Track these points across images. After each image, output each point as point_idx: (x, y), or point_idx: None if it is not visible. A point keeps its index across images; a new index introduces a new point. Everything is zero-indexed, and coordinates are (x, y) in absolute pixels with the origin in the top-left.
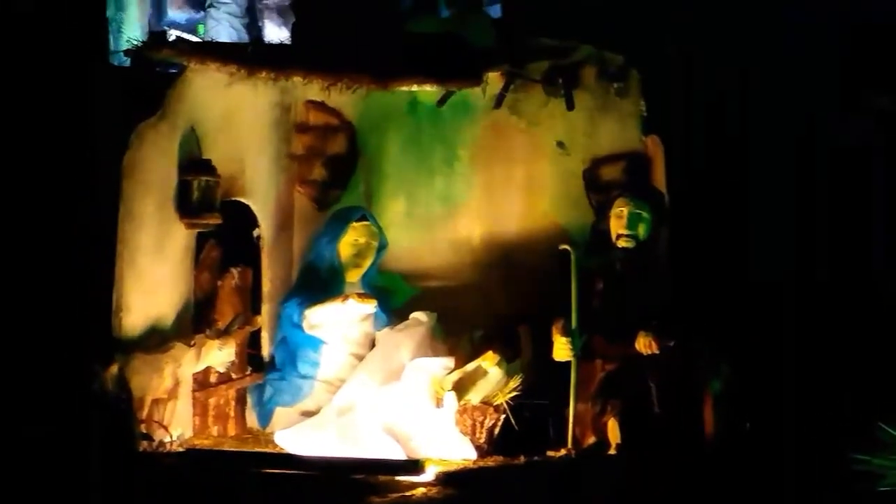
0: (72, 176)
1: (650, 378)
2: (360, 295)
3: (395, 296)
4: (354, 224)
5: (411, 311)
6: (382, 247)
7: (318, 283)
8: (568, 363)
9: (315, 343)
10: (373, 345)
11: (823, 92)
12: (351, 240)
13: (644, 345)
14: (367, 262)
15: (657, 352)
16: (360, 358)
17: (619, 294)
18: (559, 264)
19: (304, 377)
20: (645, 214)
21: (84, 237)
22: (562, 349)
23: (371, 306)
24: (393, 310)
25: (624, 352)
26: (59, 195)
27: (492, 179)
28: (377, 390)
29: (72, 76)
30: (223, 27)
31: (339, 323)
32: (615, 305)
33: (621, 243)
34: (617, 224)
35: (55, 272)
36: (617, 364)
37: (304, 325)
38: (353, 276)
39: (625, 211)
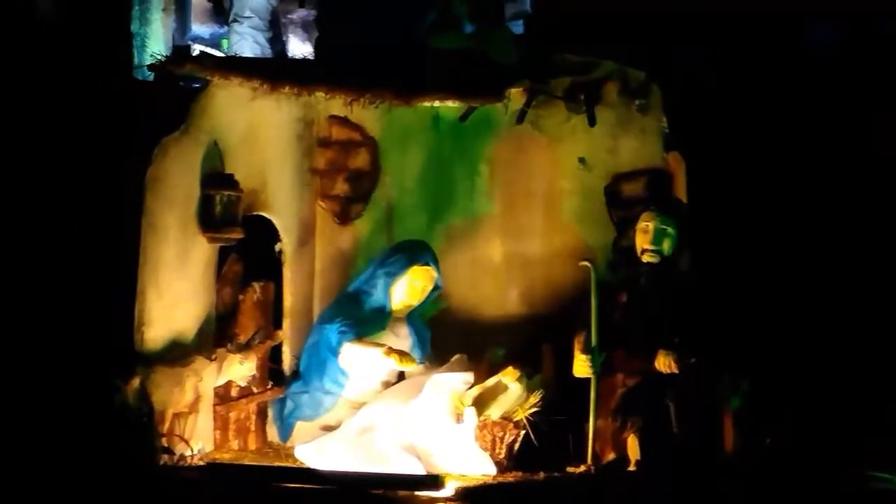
0: (95, 189)
1: (669, 397)
2: (401, 356)
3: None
4: (417, 267)
5: (435, 327)
6: (437, 288)
7: (364, 310)
8: (588, 379)
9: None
10: (401, 373)
11: (843, 107)
12: (409, 281)
13: (664, 364)
14: (418, 303)
15: (677, 371)
16: (388, 384)
17: (643, 308)
18: (580, 280)
19: (327, 392)
20: (670, 230)
21: (107, 251)
22: (581, 366)
23: (410, 368)
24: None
25: (645, 366)
26: (83, 208)
27: (513, 195)
28: (399, 407)
29: (96, 90)
30: (247, 42)
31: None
32: (638, 320)
33: (646, 258)
34: (642, 239)
35: (77, 285)
36: (637, 380)
37: (339, 357)
38: (401, 312)
39: (650, 226)
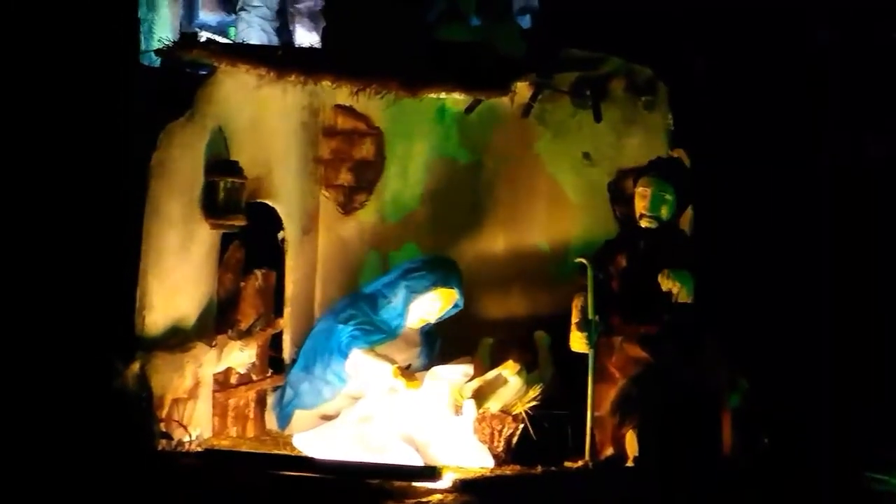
0: (100, 174)
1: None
2: (409, 379)
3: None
4: (441, 289)
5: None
6: (456, 307)
7: (379, 315)
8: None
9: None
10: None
11: (846, 108)
12: (430, 300)
13: (666, 282)
14: (434, 320)
15: (675, 293)
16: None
17: (642, 272)
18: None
19: (328, 383)
20: (668, 196)
21: (110, 235)
22: (578, 341)
23: (414, 391)
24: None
25: (643, 330)
26: (87, 193)
27: (517, 189)
28: (397, 398)
29: (103, 75)
30: (254, 30)
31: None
32: (636, 284)
33: (644, 223)
34: (640, 204)
35: (80, 269)
36: (636, 374)
37: (347, 361)
38: (415, 325)
39: (648, 191)
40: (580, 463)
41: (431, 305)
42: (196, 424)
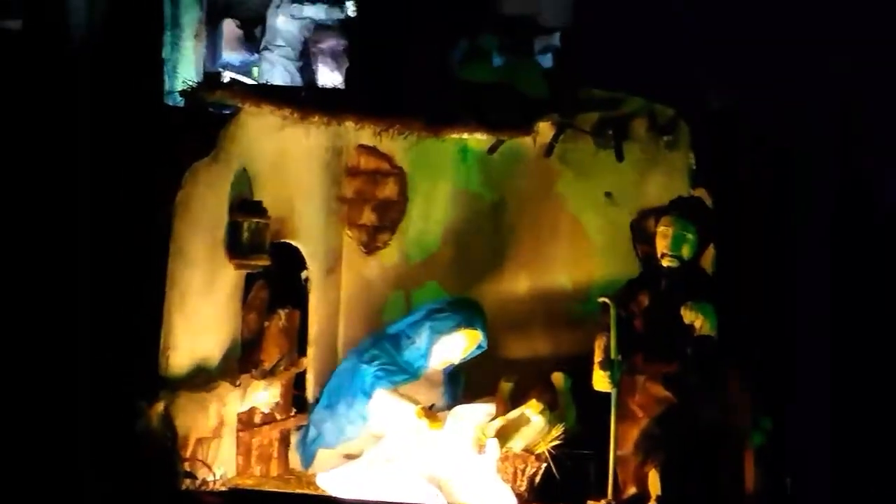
0: (125, 213)
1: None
2: (432, 420)
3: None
4: (465, 330)
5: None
6: (480, 348)
7: (402, 356)
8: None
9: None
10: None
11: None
12: (453, 341)
13: (689, 314)
14: (458, 361)
15: (698, 325)
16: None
17: (664, 311)
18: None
19: (351, 422)
20: (690, 235)
21: (134, 274)
22: (601, 380)
23: (437, 431)
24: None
25: (665, 369)
26: (111, 231)
27: (539, 228)
28: (421, 437)
29: (127, 115)
30: (277, 70)
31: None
32: (658, 323)
33: (665, 262)
34: (662, 243)
35: (104, 308)
36: (658, 413)
37: (370, 401)
38: (439, 366)
39: (670, 231)
40: (603, 502)
41: (455, 346)
42: (220, 464)
